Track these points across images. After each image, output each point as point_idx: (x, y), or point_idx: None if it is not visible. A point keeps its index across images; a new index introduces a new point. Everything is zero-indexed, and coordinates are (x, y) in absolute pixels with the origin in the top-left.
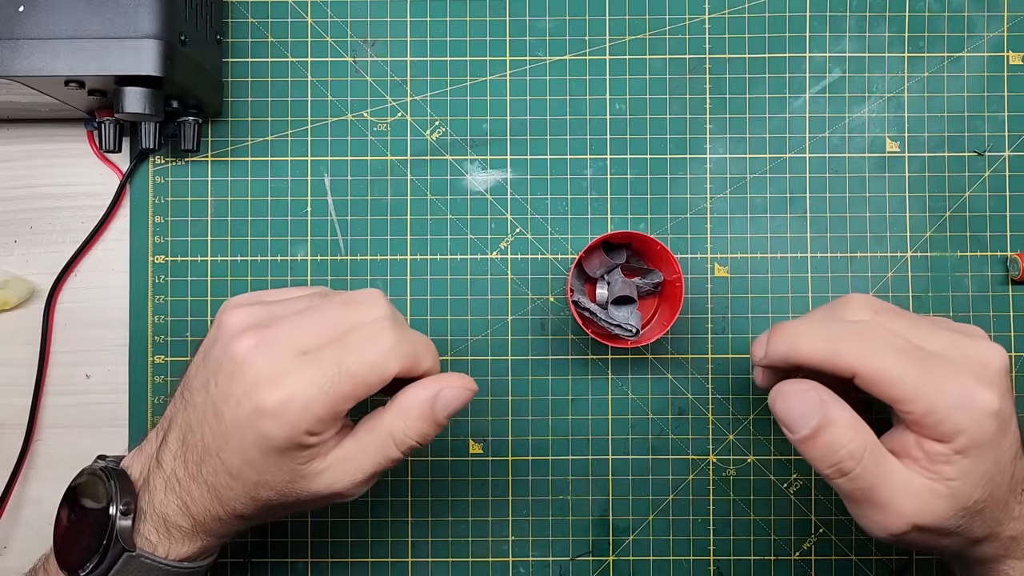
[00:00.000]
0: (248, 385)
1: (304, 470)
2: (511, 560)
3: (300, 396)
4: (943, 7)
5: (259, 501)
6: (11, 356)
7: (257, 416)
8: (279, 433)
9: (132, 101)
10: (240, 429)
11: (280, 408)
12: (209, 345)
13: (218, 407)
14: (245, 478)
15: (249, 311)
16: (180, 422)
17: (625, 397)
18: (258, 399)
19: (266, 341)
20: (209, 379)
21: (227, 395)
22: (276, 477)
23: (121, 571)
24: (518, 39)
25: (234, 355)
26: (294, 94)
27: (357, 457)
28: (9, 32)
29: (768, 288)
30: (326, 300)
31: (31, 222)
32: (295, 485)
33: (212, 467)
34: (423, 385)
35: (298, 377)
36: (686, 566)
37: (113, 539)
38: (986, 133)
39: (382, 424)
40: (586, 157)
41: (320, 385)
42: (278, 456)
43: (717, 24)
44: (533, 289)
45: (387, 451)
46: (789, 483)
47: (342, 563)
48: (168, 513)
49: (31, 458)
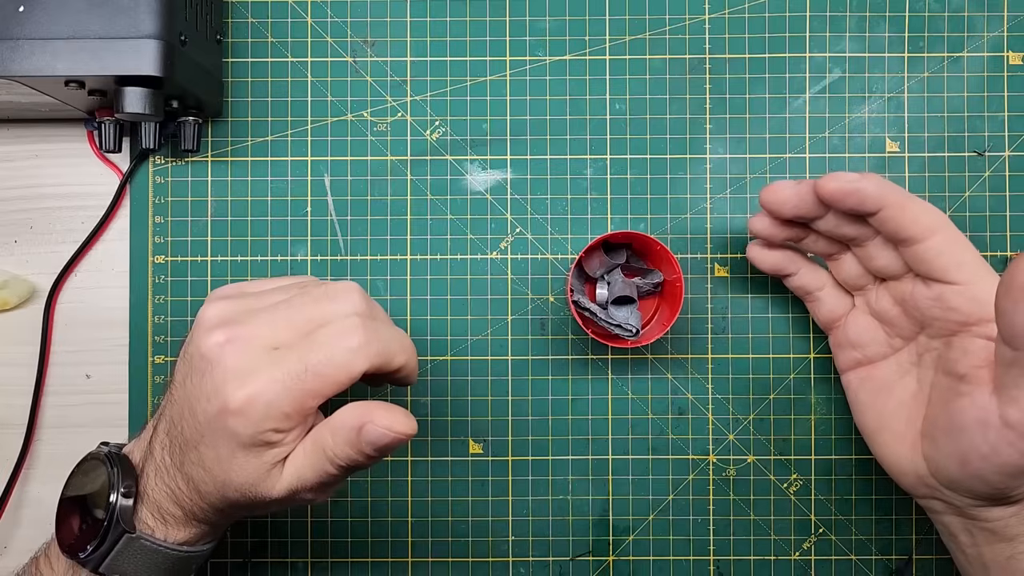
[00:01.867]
0: (217, 383)
1: (268, 472)
2: (511, 560)
3: (265, 393)
4: (943, 7)
5: (228, 501)
6: (11, 356)
7: (225, 414)
8: (244, 430)
9: (132, 101)
10: (211, 426)
11: (245, 405)
12: (188, 339)
13: (192, 404)
14: (216, 474)
15: (225, 305)
16: (167, 414)
17: (625, 397)
18: (225, 397)
19: (236, 338)
20: (187, 375)
21: (199, 392)
22: (241, 479)
23: (121, 553)
24: (518, 39)
25: (204, 353)
26: (294, 94)
27: (303, 466)
28: (9, 32)
29: (768, 288)
30: (301, 294)
31: (31, 222)
32: (257, 490)
33: (191, 459)
34: (355, 409)
35: (265, 374)
36: (686, 566)
37: (114, 521)
38: (986, 133)
39: (322, 437)
40: (586, 157)
41: (285, 382)
42: (244, 454)
43: (717, 24)
44: (533, 289)
45: (324, 465)
46: (789, 483)
47: (342, 563)
48: (160, 500)
49: (31, 458)
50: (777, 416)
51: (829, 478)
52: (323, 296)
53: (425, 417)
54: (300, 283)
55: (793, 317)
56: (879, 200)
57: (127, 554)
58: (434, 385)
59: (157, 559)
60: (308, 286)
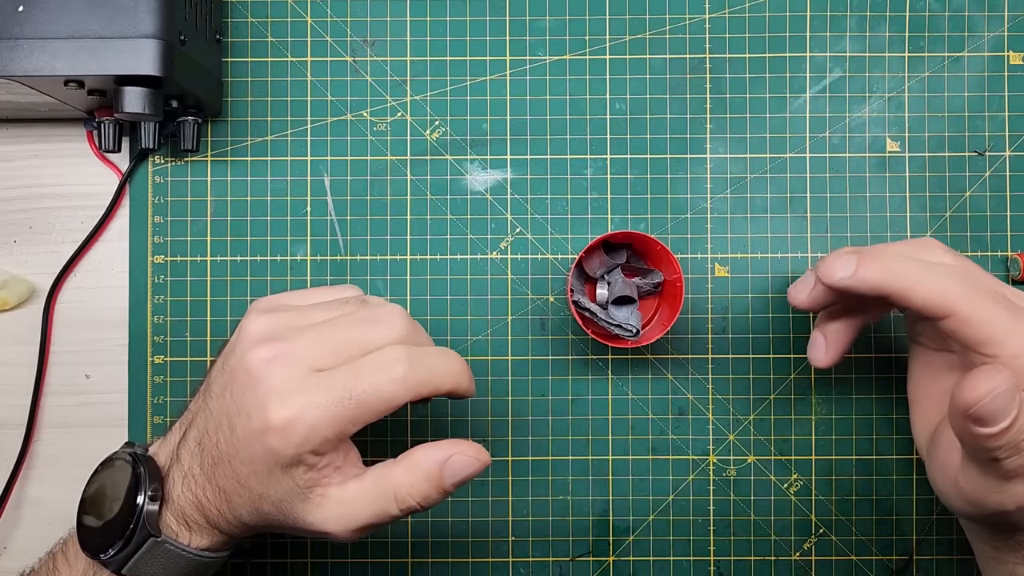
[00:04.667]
0: (260, 400)
1: (305, 494)
2: (511, 560)
3: (307, 416)
4: (943, 7)
5: (261, 514)
6: (11, 356)
7: (266, 432)
8: (285, 451)
9: (132, 101)
10: (249, 442)
11: (287, 425)
12: (229, 350)
13: (232, 418)
14: (252, 488)
15: (269, 320)
16: (199, 423)
17: (625, 397)
18: (267, 415)
19: (281, 356)
20: (225, 387)
21: (240, 407)
22: (277, 494)
23: (145, 556)
24: (518, 39)
25: (248, 368)
26: (294, 94)
27: (356, 502)
28: (9, 32)
29: (768, 288)
30: (346, 315)
31: (31, 222)
32: (293, 509)
33: (224, 472)
34: (438, 447)
35: (308, 397)
36: (686, 566)
37: (140, 523)
38: (986, 133)
39: (389, 476)
40: (586, 157)
41: (328, 408)
42: (282, 472)
43: (717, 24)
44: (533, 289)
45: (386, 506)
46: (789, 483)
47: (342, 563)
48: (184, 507)
49: (31, 458)
50: (777, 416)
51: (829, 478)
52: (368, 319)
53: (425, 417)
54: (343, 300)
55: (793, 317)
56: (879, 287)
57: (150, 557)
58: None
59: (180, 563)
60: (351, 304)
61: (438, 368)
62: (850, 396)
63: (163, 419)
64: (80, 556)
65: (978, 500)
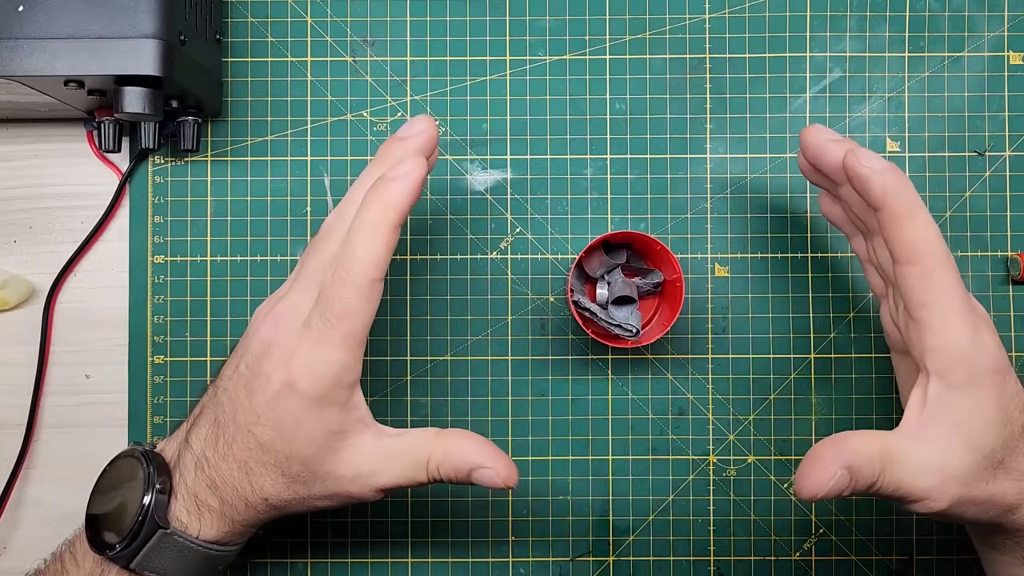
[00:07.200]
0: (275, 361)
1: (336, 445)
2: (511, 560)
3: (321, 351)
4: (943, 7)
5: (286, 479)
6: (11, 356)
7: (288, 386)
8: (312, 390)
9: (132, 101)
10: (272, 402)
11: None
12: (243, 337)
13: (250, 385)
14: (278, 450)
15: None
16: (211, 409)
17: (625, 397)
18: (289, 369)
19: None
20: (239, 362)
21: (256, 373)
22: (308, 449)
23: (153, 549)
24: (518, 39)
25: (262, 337)
26: (294, 94)
27: (388, 460)
28: (8, 32)
29: (768, 288)
30: (306, 253)
31: (31, 222)
32: (323, 464)
33: (244, 443)
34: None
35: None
36: (686, 566)
37: (148, 516)
38: (986, 133)
39: (427, 446)
40: (586, 157)
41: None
42: (314, 420)
43: (717, 24)
44: (533, 289)
45: (416, 473)
46: (789, 483)
47: (342, 563)
48: (198, 492)
49: (31, 458)
50: (777, 416)
51: None
52: (311, 250)
53: (425, 417)
54: None
55: (793, 317)
56: (879, 199)
57: (159, 550)
58: (434, 385)
59: (188, 556)
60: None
61: (368, 211)
62: (850, 396)
63: (163, 419)
64: (88, 555)
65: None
